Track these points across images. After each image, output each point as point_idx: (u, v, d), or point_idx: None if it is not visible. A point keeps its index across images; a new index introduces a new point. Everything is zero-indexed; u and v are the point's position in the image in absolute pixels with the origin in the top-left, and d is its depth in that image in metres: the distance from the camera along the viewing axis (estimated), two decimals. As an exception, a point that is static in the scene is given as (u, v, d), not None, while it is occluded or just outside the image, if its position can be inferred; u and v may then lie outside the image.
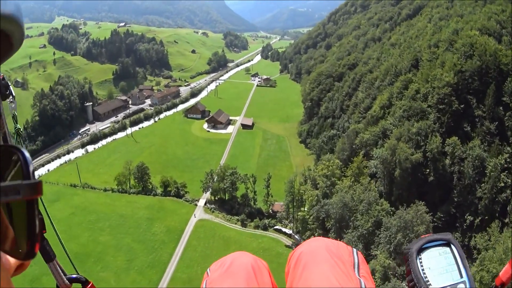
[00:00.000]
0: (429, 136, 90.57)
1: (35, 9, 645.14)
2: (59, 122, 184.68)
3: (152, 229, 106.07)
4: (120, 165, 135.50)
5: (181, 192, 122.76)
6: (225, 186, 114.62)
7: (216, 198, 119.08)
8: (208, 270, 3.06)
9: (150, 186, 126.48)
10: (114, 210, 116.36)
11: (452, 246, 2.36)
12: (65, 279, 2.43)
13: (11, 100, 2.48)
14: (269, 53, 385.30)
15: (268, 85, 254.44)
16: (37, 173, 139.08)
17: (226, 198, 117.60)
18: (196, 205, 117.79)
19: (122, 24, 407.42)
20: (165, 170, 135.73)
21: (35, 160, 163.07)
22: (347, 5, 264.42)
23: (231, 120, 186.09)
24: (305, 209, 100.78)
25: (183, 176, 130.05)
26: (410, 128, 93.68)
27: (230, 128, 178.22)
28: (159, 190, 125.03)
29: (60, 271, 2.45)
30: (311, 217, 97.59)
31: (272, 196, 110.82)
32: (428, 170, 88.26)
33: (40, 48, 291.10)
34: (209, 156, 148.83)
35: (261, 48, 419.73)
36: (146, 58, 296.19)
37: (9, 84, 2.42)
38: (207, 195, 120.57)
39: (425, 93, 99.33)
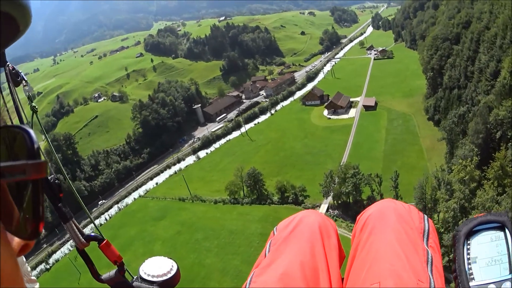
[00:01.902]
0: None
1: (129, 20, 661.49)
2: (164, 130, 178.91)
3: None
4: (234, 169, 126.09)
5: (299, 197, 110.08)
6: (347, 190, 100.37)
7: (339, 202, 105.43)
8: (275, 228, 3.14)
9: (266, 193, 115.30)
10: (223, 226, 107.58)
11: (507, 231, 2.07)
12: (81, 238, 2.51)
13: (24, 84, 2.87)
14: (380, 23, 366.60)
15: (385, 57, 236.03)
16: (144, 188, 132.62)
17: (350, 201, 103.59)
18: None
19: (222, 18, 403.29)
20: (283, 170, 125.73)
21: (143, 173, 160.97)
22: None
23: (352, 102, 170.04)
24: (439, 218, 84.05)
25: (303, 176, 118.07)
26: None
27: (352, 112, 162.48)
28: (275, 197, 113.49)
29: (77, 231, 2.54)
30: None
31: (401, 198, 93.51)
32: None
33: (136, 57, 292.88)
34: (331, 147, 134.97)
35: (370, 19, 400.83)
36: (253, 48, 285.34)
37: (20, 71, 2.78)
38: (329, 199, 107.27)
39: None
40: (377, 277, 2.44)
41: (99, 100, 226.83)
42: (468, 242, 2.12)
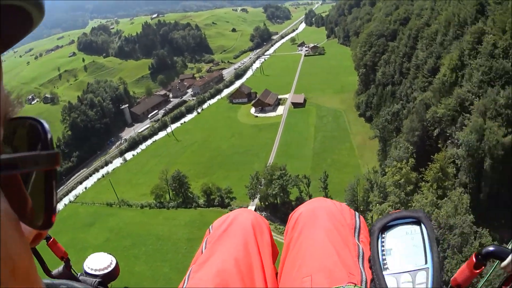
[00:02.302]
0: (522, 107, 68.59)
1: (67, 18, 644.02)
2: (93, 132, 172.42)
3: (192, 253, 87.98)
4: (160, 172, 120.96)
5: (225, 200, 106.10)
6: (274, 192, 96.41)
7: (267, 203, 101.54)
8: (210, 226, 3.19)
9: (192, 196, 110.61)
10: (150, 231, 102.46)
11: (423, 225, 2.12)
12: None
13: None
14: (313, 19, 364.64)
15: (317, 53, 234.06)
16: (74, 192, 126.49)
17: (278, 202, 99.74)
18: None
19: (155, 15, 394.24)
20: (209, 171, 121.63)
21: (73, 178, 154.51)
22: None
23: (280, 99, 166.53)
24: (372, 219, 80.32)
25: (230, 177, 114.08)
26: (496, 98, 72.20)
27: (280, 109, 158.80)
28: (201, 200, 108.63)
29: None
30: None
31: (332, 198, 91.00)
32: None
33: (69, 56, 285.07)
34: (258, 147, 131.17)
35: (304, 16, 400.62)
36: (183, 45, 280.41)
37: None
38: (256, 201, 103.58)
39: (505, 47, 76.93)
40: (309, 272, 2.47)
41: (32, 103, 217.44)
42: (383, 235, 2.14)
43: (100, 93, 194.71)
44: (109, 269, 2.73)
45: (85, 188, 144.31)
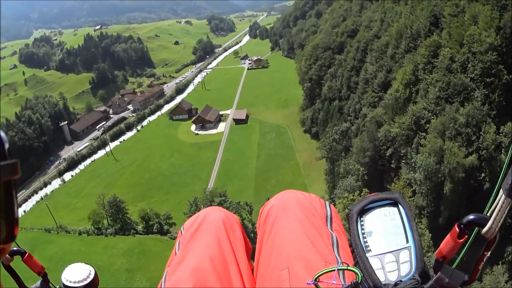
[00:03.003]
0: (482, 126, 63.38)
1: (11, 27, 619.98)
2: (31, 152, 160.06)
3: (133, 284, 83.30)
4: (100, 194, 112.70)
5: (164, 226, 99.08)
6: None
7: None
8: (182, 227, 3.14)
9: (130, 222, 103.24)
10: (89, 261, 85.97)
11: (400, 206, 2.10)
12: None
13: None
14: (257, 32, 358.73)
15: (260, 66, 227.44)
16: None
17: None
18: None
19: (98, 27, 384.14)
20: (148, 194, 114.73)
21: None
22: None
23: (222, 115, 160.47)
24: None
25: (169, 200, 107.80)
26: (456, 115, 65.84)
27: (221, 126, 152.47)
28: (140, 226, 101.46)
29: None
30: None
31: None
32: (483, 175, 61.76)
33: (10, 69, 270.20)
34: (198, 166, 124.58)
35: (248, 28, 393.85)
36: (125, 59, 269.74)
37: None
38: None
39: (462, 61, 70.73)
40: (285, 263, 2.43)
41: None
42: (362, 219, 2.12)
43: (39, 110, 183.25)
44: (88, 280, 2.64)
45: (24, 211, 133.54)
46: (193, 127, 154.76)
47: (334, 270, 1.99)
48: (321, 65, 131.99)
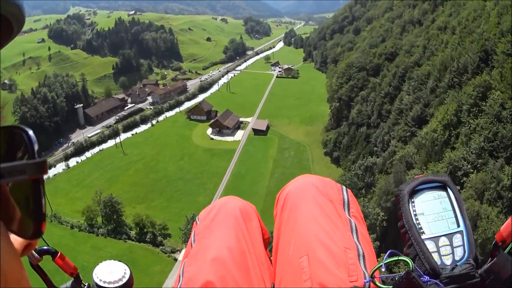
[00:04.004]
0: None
1: (48, 1, 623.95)
2: (42, 131, 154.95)
3: None
4: (100, 187, 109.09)
5: (158, 238, 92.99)
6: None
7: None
8: (197, 218, 3.08)
9: (124, 224, 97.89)
10: (76, 260, 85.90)
11: (449, 189, 2.07)
12: (34, 253, 2.38)
13: None
14: (292, 40, 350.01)
15: (290, 76, 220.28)
16: None
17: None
18: (175, 259, 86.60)
19: (132, 12, 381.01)
20: (149, 196, 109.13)
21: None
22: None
23: (241, 122, 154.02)
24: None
25: (170, 207, 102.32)
26: (500, 174, 57.17)
27: (239, 134, 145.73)
28: (133, 232, 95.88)
29: None
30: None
31: None
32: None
33: (38, 42, 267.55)
34: (207, 175, 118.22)
35: (284, 34, 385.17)
36: (153, 48, 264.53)
37: None
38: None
39: None
40: (305, 250, 2.40)
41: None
42: (412, 200, 2.06)
43: (56, 88, 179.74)
44: (124, 280, 2.48)
45: None
46: (209, 130, 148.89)
47: (392, 261, 1.89)
48: (353, 86, 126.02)
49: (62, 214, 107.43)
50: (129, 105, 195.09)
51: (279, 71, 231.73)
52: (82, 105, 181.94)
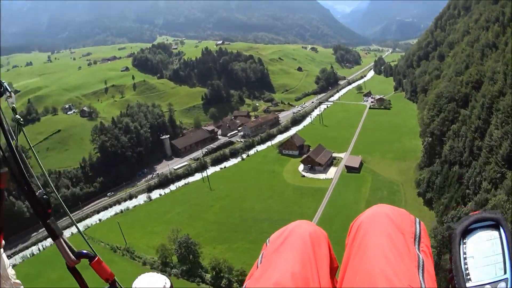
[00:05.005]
0: None
1: (134, 29, 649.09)
2: (123, 160, 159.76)
3: None
4: (180, 224, 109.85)
5: (234, 285, 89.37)
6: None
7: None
8: (267, 240, 3.14)
9: (200, 266, 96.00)
10: None
11: (502, 229, 2.06)
12: (71, 255, 2.56)
13: (8, 95, 2.75)
14: (382, 68, 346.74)
15: (382, 107, 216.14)
16: (88, 221, 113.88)
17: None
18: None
19: (220, 42, 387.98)
20: (232, 237, 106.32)
21: (90, 205, 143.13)
22: (450, 7, 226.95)
23: (334, 158, 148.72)
24: None
25: (251, 250, 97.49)
26: None
27: (332, 171, 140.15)
28: (208, 275, 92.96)
29: (67, 248, 2.61)
30: None
31: None
32: None
33: (121, 71, 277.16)
34: (295, 216, 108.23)
35: (373, 63, 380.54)
36: (242, 78, 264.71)
37: (3, 81, 2.73)
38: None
39: None
40: (369, 283, 2.47)
41: (68, 113, 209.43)
42: (464, 241, 2.11)
43: (140, 118, 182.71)
44: None
45: (99, 220, 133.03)
46: (301, 167, 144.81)
47: None
48: (444, 119, 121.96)
49: (136, 249, 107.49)
50: (219, 137, 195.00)
51: (372, 102, 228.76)
52: (168, 136, 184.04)
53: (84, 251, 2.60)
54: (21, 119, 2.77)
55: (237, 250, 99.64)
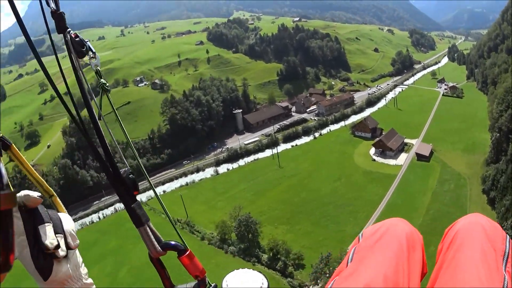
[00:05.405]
0: None
1: (209, 4, 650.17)
2: (192, 133, 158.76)
3: None
4: (245, 200, 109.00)
5: (289, 268, 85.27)
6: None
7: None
8: (360, 234, 3.05)
9: (257, 246, 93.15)
10: (188, 276, 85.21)
11: None
12: (157, 246, 2.40)
13: (91, 56, 2.53)
14: (455, 55, 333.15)
15: (454, 95, 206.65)
16: (151, 193, 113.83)
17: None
18: (301, 298, 78.61)
19: (297, 18, 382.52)
20: (295, 218, 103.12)
21: (156, 176, 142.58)
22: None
23: (405, 144, 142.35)
24: None
25: (313, 234, 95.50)
26: None
27: (402, 158, 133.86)
28: (264, 257, 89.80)
29: (152, 237, 2.43)
30: None
31: None
32: None
33: (196, 44, 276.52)
34: (361, 202, 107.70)
35: (447, 49, 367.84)
36: (319, 56, 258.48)
37: (86, 40, 2.50)
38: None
39: None
40: None
41: (139, 85, 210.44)
42: None
43: (212, 92, 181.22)
44: None
45: (164, 192, 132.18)
46: (372, 150, 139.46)
47: None
48: None
49: (196, 223, 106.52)
50: (293, 114, 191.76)
51: (445, 89, 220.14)
52: (241, 110, 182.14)
53: (173, 242, 2.41)
54: (107, 84, 2.59)
55: (298, 232, 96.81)
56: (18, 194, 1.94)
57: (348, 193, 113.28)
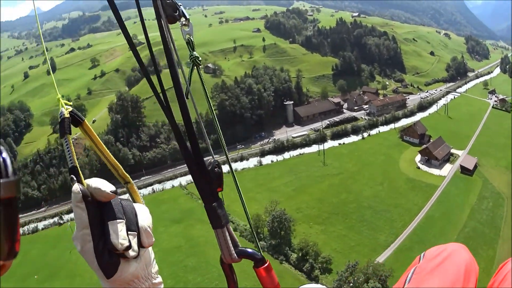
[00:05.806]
0: None
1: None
2: (240, 121, 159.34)
3: None
4: (284, 195, 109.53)
5: (315, 271, 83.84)
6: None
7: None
8: (422, 254, 2.98)
9: (289, 244, 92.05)
10: (217, 266, 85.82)
11: None
12: (233, 252, 2.25)
13: (184, 22, 2.32)
14: (507, 67, 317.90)
15: (503, 109, 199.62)
16: (189, 177, 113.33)
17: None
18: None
19: (356, 14, 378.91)
20: (331, 219, 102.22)
21: None
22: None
23: (452, 154, 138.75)
24: None
25: (346, 238, 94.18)
26: None
27: (446, 168, 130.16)
28: (293, 256, 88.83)
29: (230, 242, 2.28)
30: None
31: None
32: None
33: (253, 31, 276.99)
34: (400, 210, 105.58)
35: (500, 60, 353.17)
36: (375, 54, 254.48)
37: (179, 4, 2.26)
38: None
39: None
40: None
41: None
42: None
43: (264, 81, 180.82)
44: None
45: None
46: (418, 157, 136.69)
47: None
48: None
49: (231, 212, 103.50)
50: (344, 111, 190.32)
51: (495, 102, 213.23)
52: (292, 102, 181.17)
53: (250, 250, 2.25)
54: (199, 58, 2.35)
55: (332, 234, 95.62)
56: (88, 183, 1.85)
57: (389, 199, 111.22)
